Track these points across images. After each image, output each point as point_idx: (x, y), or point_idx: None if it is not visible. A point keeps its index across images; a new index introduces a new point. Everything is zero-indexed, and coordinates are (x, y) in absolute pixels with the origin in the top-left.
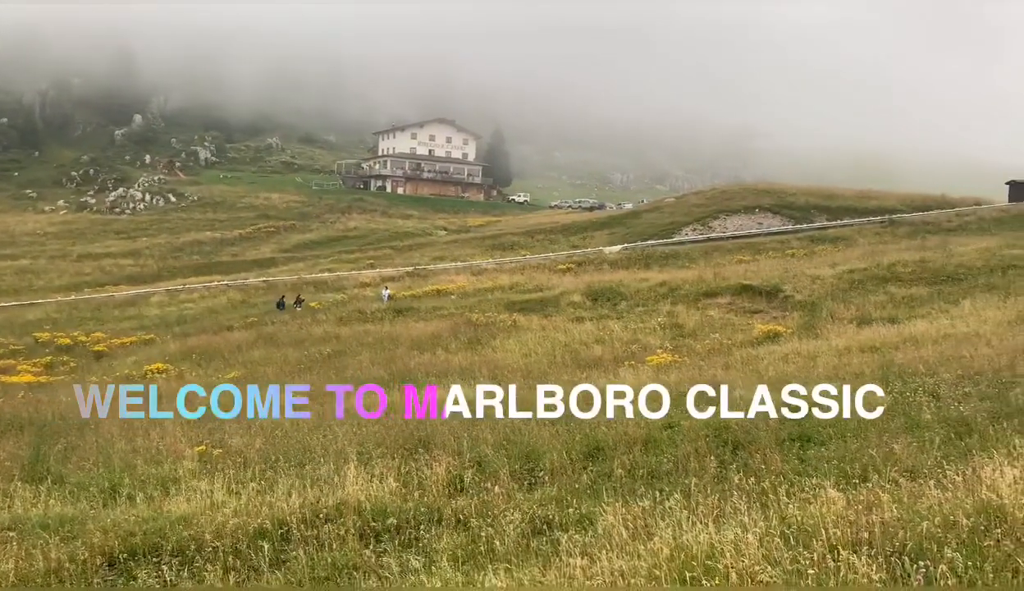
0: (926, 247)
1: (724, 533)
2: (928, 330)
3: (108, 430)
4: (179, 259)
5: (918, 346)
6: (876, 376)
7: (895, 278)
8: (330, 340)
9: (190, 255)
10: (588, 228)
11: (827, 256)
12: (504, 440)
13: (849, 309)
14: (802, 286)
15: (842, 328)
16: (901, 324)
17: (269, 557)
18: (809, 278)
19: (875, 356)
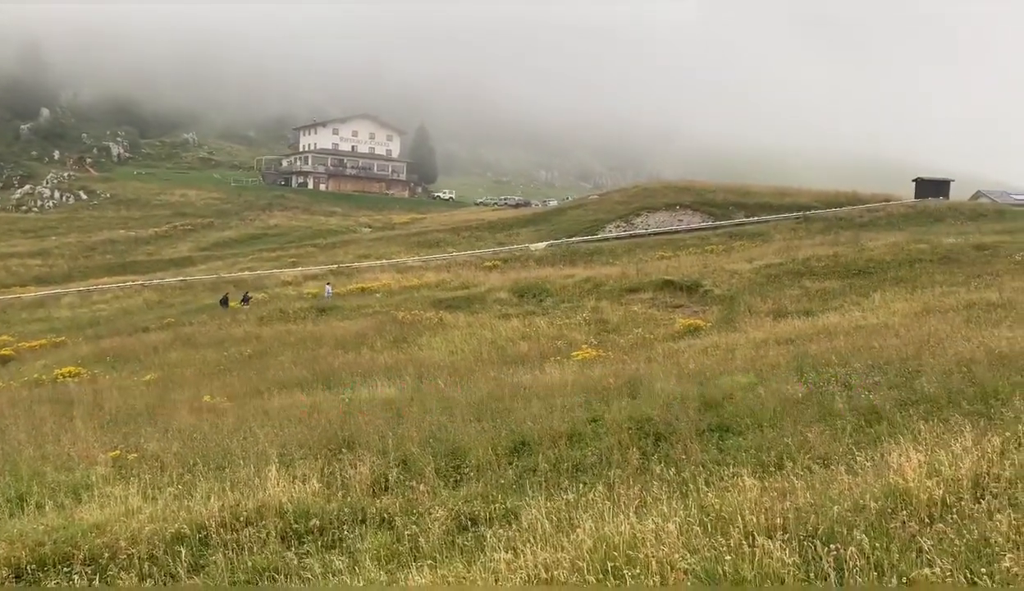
0: (839, 242)
1: (645, 523)
2: (841, 322)
3: (15, 436)
4: (91, 259)
5: (831, 337)
6: (791, 367)
7: (809, 272)
8: (251, 341)
9: (103, 254)
10: (514, 225)
11: (745, 251)
12: (430, 438)
13: (766, 303)
14: (721, 281)
15: (759, 321)
16: (815, 317)
17: (187, 562)
18: (728, 273)
19: (790, 348)
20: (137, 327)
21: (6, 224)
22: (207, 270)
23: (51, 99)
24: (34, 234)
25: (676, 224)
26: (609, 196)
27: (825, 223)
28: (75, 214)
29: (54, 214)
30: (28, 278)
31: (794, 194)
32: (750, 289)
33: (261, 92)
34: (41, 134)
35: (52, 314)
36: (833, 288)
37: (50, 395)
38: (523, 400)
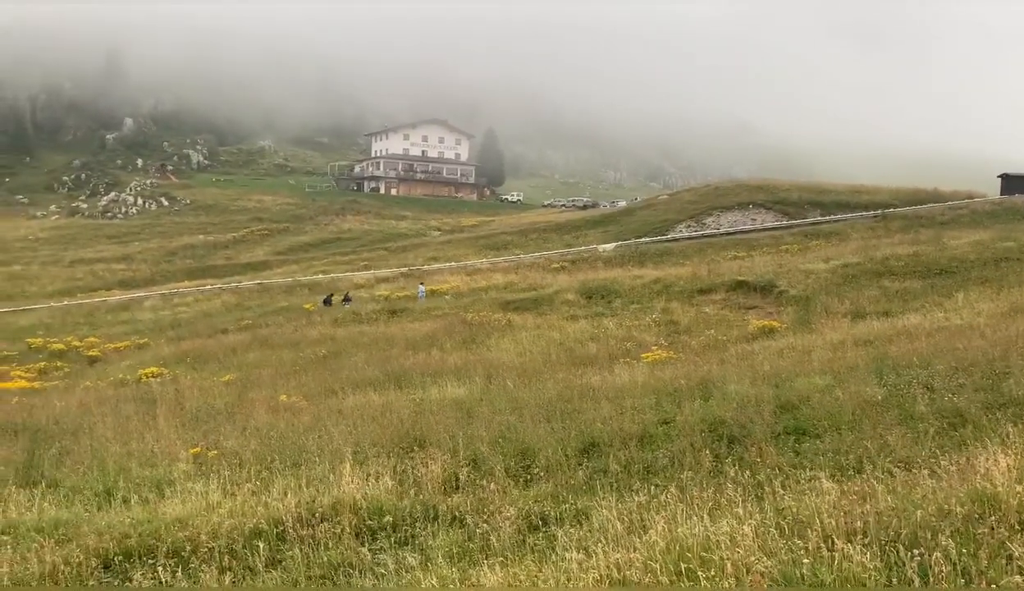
0: (919, 241)
1: (719, 525)
2: (922, 323)
3: (102, 434)
4: (172, 263)
5: (912, 339)
6: (871, 369)
7: (889, 272)
8: (325, 341)
9: (183, 259)
10: (582, 226)
11: (821, 251)
12: (500, 437)
13: (843, 303)
14: (796, 281)
15: (836, 322)
16: (895, 317)
17: (265, 557)
18: (803, 273)
19: (869, 349)
20: (216, 329)
21: (93, 230)
22: (283, 274)
23: (134, 109)
24: (119, 240)
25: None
26: (679, 196)
27: (904, 221)
28: (157, 220)
29: (137, 220)
30: (113, 282)
31: (871, 192)
32: (826, 289)
33: (333, 99)
34: (125, 143)
35: (136, 317)
36: (914, 288)
37: (134, 394)
38: (592, 401)
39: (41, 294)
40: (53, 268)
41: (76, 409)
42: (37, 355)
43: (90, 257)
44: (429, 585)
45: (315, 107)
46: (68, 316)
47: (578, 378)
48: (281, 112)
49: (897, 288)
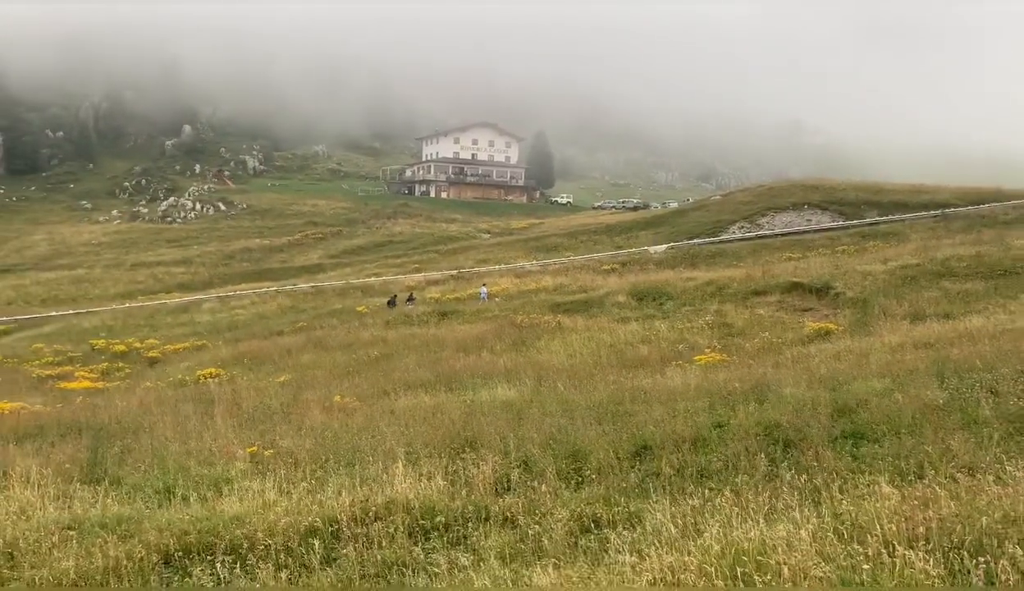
0: (981, 241)
1: (775, 529)
2: (985, 325)
3: (162, 433)
4: (229, 266)
5: (974, 342)
6: (931, 372)
7: (949, 273)
8: (377, 343)
9: (240, 262)
10: (632, 228)
11: (878, 252)
12: (550, 439)
13: (902, 305)
14: (853, 283)
15: (895, 325)
16: (956, 320)
17: (320, 555)
18: (860, 274)
19: (929, 352)
20: (272, 331)
21: (153, 234)
22: (336, 276)
23: (192, 116)
24: (178, 243)
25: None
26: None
27: (966, 221)
28: (215, 224)
29: (196, 224)
30: (173, 285)
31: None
32: (885, 291)
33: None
34: (184, 149)
35: (194, 319)
36: (976, 290)
37: (193, 394)
38: (644, 404)
39: (104, 297)
40: (115, 271)
41: (137, 409)
42: (100, 356)
43: (150, 261)
44: (482, 585)
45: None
46: (129, 318)
47: (629, 380)
48: (334, 117)
49: (958, 290)
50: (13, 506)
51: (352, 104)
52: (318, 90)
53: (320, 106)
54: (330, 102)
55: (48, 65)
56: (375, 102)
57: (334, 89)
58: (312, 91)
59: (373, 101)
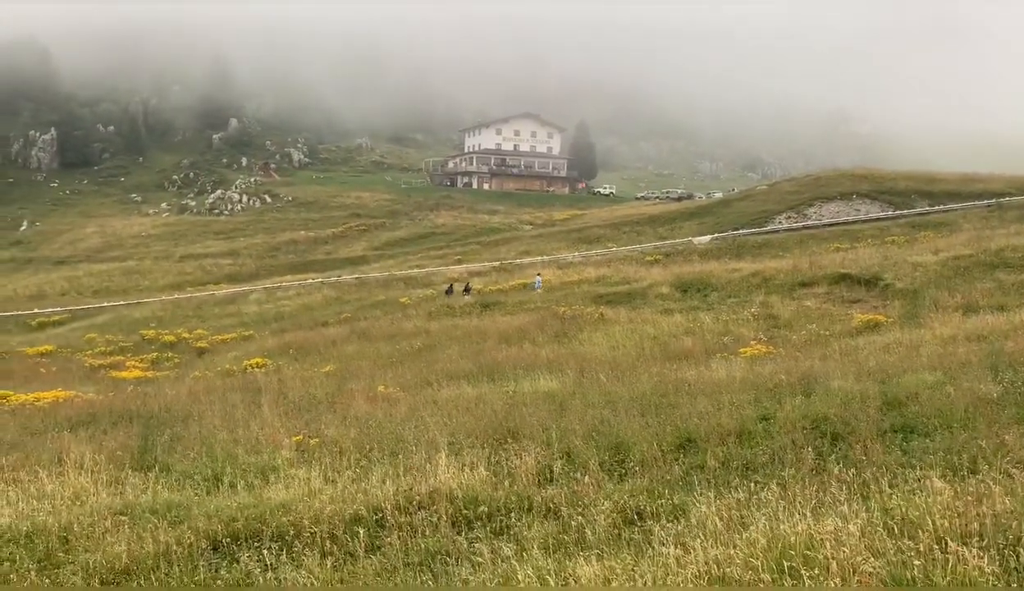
0: None
1: (823, 523)
2: None
3: (210, 421)
4: (275, 258)
5: None
6: (984, 365)
7: (1004, 264)
8: (420, 335)
9: (286, 254)
10: (676, 218)
11: (929, 242)
12: (593, 431)
13: (954, 297)
14: (903, 274)
15: (947, 317)
16: (1011, 312)
17: (365, 542)
18: (911, 265)
19: (983, 345)
20: (317, 322)
21: (201, 227)
22: (380, 268)
23: (238, 110)
24: (225, 236)
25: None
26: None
27: (1021, 211)
28: (261, 217)
29: (242, 217)
30: (220, 276)
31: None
32: (936, 282)
33: (427, 96)
34: (231, 143)
35: (241, 309)
36: None
37: (240, 384)
38: (688, 396)
39: (153, 288)
40: (164, 263)
41: (186, 398)
42: (150, 346)
43: (199, 253)
44: (525, 576)
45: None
46: (178, 309)
47: (673, 373)
48: (377, 110)
49: (1014, 281)
50: (68, 491)
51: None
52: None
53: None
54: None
55: (99, 61)
56: (418, 95)
57: (378, 82)
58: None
59: (416, 94)
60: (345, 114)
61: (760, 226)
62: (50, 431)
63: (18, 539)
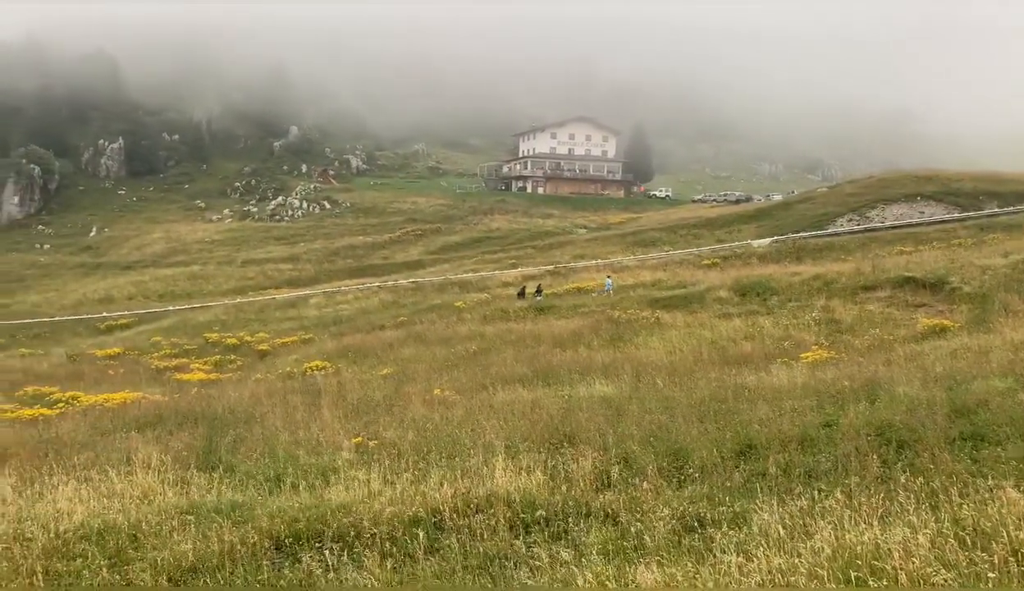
0: None
1: (891, 533)
2: None
3: (272, 423)
4: (334, 263)
5: None
6: None
7: None
8: (475, 338)
9: (344, 259)
10: (734, 221)
11: (998, 245)
12: (651, 436)
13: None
14: (971, 277)
15: (1018, 321)
16: None
17: (424, 544)
18: (979, 269)
19: None
20: (374, 325)
21: (262, 232)
22: (435, 272)
23: (298, 118)
24: (286, 241)
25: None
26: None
27: None
28: (320, 222)
29: (302, 222)
30: (281, 281)
31: None
32: (1006, 286)
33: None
34: (291, 150)
35: (301, 313)
36: None
37: (301, 386)
38: (748, 402)
39: (217, 292)
40: (227, 268)
41: (248, 399)
42: (213, 349)
43: (260, 258)
44: (585, 581)
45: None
46: (241, 313)
47: (732, 378)
48: (433, 116)
49: None
50: (136, 491)
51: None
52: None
53: (420, 105)
54: (429, 101)
55: (164, 72)
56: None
57: (433, 88)
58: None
59: (471, 99)
60: (402, 120)
61: (821, 229)
62: (119, 431)
63: (90, 536)
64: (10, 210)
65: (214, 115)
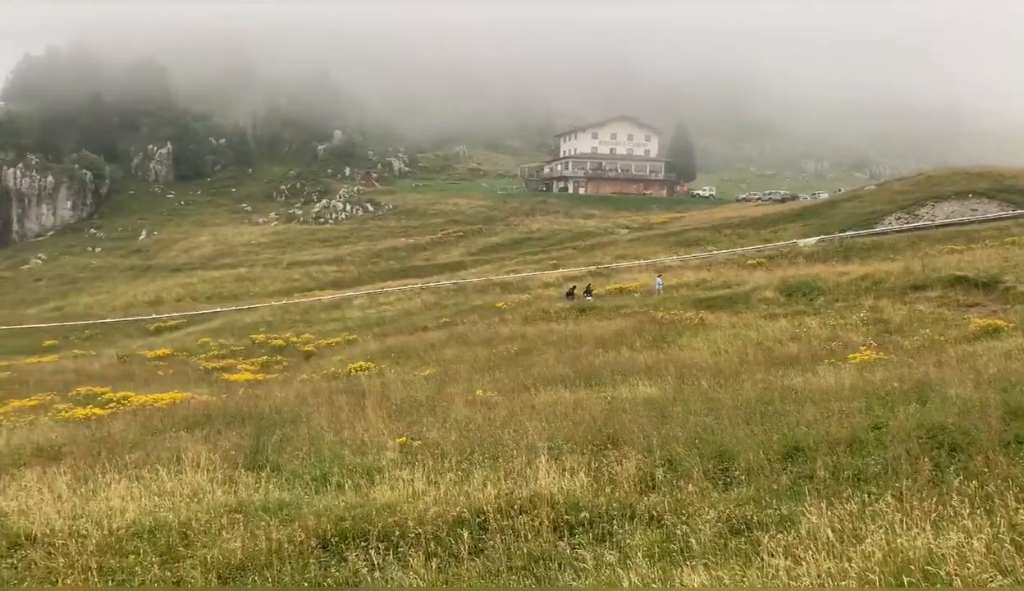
0: None
1: (945, 538)
2: None
3: (318, 423)
4: (377, 264)
5: None
6: None
7: None
8: (517, 339)
9: (387, 260)
10: (780, 221)
11: None
12: (695, 438)
13: None
14: None
15: None
16: None
17: (468, 545)
18: None
19: None
20: (417, 326)
21: (307, 235)
22: (476, 273)
23: (341, 121)
24: (330, 243)
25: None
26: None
27: None
28: (363, 224)
29: (346, 225)
30: (326, 282)
31: None
32: None
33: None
34: (335, 153)
35: (345, 314)
36: None
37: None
38: (795, 404)
39: (263, 294)
40: (273, 270)
41: (294, 399)
42: (260, 350)
43: (305, 260)
44: (631, 583)
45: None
46: (286, 314)
47: (778, 379)
48: (474, 117)
49: None
50: (186, 489)
51: (491, 104)
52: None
53: (460, 107)
54: (470, 103)
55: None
56: (514, 101)
57: (473, 90)
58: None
59: (512, 100)
60: (443, 122)
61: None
62: (168, 431)
63: (142, 533)
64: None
65: (259, 119)
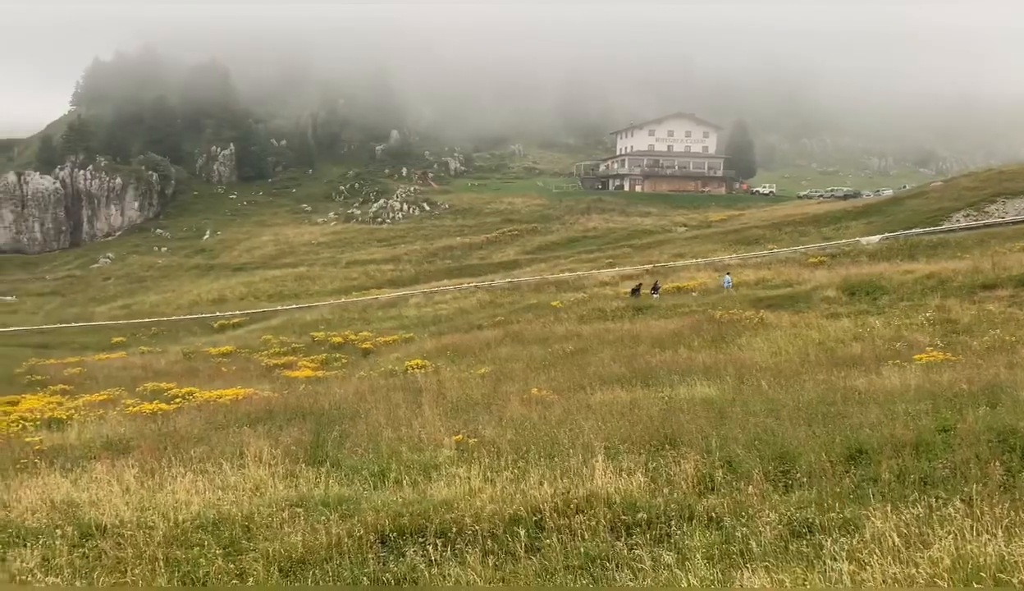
0: None
1: (1017, 545)
2: None
3: (376, 419)
4: (433, 263)
5: None
6: None
7: None
8: (572, 338)
9: (443, 259)
10: (842, 218)
11: None
12: (755, 439)
13: None
14: None
15: None
16: None
17: (524, 543)
18: None
19: None
20: (472, 325)
21: (365, 234)
22: (531, 272)
23: (399, 122)
24: (387, 243)
25: None
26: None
27: None
28: (419, 224)
29: (403, 224)
30: (383, 281)
31: None
32: None
33: (579, 100)
34: (392, 153)
35: (402, 313)
36: None
37: (402, 384)
38: (858, 405)
39: (322, 292)
40: (332, 269)
41: (353, 396)
42: (319, 347)
43: (363, 259)
44: (690, 584)
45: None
46: (345, 312)
47: (841, 380)
48: (530, 116)
49: None
50: (249, 483)
51: (547, 102)
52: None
53: (517, 105)
54: (526, 101)
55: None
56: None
57: (530, 88)
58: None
59: (567, 99)
60: (498, 121)
61: (935, 225)
62: (231, 426)
63: (206, 526)
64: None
65: (318, 120)
